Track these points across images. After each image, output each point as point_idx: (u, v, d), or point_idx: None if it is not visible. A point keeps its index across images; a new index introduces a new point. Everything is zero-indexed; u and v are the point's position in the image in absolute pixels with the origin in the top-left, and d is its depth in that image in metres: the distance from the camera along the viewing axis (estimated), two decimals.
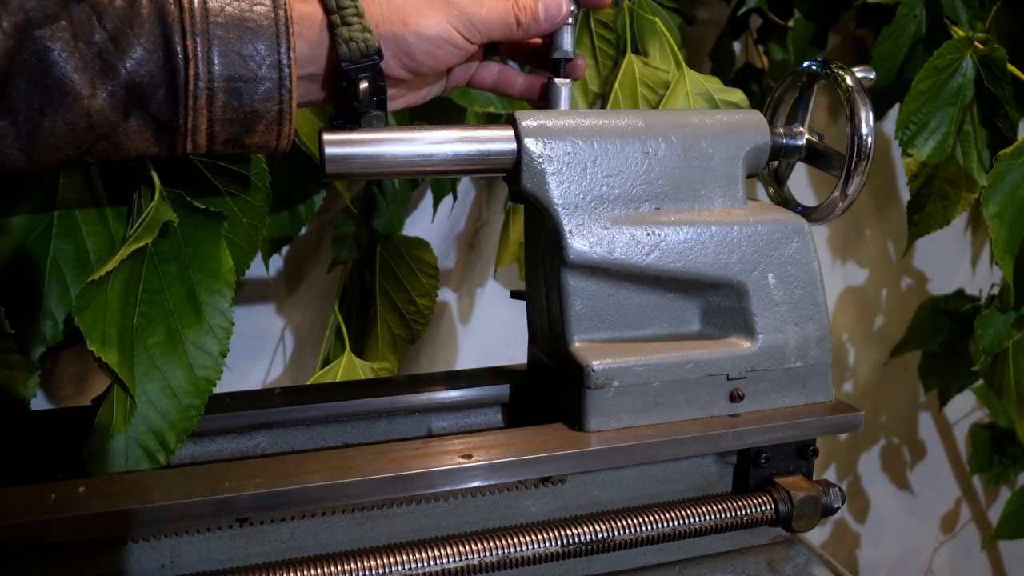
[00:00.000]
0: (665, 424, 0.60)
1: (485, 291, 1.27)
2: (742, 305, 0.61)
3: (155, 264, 0.58)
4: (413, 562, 0.52)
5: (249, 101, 0.52)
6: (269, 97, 0.52)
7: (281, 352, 1.15)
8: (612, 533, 0.56)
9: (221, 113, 0.51)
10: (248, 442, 0.65)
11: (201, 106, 0.51)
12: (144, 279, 0.57)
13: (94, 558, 0.51)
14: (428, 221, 1.12)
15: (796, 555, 0.64)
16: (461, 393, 0.70)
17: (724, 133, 0.62)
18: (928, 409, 1.71)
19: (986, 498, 1.80)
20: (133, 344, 0.56)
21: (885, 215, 1.54)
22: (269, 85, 0.52)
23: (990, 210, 0.91)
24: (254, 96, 0.52)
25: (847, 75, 0.64)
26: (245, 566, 0.52)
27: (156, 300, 0.57)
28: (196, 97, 0.50)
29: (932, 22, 1.10)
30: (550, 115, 0.59)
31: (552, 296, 0.62)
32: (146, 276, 0.57)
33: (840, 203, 0.65)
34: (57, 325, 0.64)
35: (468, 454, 0.55)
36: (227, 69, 0.50)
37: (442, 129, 0.57)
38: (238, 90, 0.51)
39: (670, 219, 0.60)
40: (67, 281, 0.63)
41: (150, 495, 0.49)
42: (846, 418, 0.63)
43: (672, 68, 0.99)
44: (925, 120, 0.99)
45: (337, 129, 0.56)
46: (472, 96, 0.93)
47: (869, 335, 1.61)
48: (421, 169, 0.57)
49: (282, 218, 0.93)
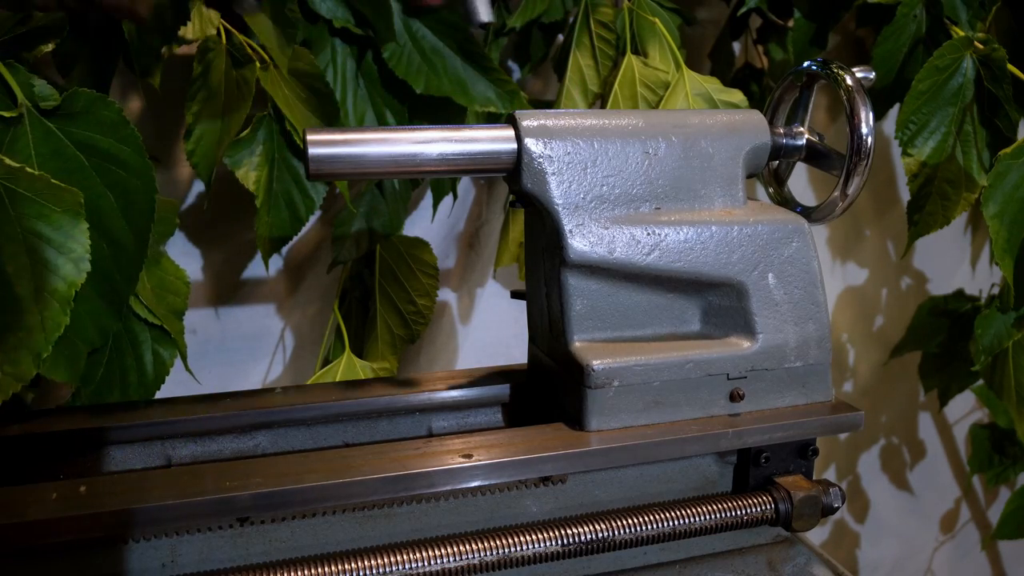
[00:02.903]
0: (665, 424, 0.60)
1: (485, 291, 1.27)
2: (742, 305, 0.61)
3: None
4: (413, 562, 0.52)
5: None
6: None
7: (281, 352, 1.15)
8: (612, 533, 0.56)
9: None
10: (248, 442, 0.65)
11: None
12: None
13: (94, 558, 0.51)
14: (428, 221, 1.12)
15: (796, 555, 0.64)
16: (461, 393, 0.70)
17: (724, 133, 0.62)
18: (928, 409, 1.71)
19: (986, 498, 1.80)
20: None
21: (885, 215, 1.54)
22: None
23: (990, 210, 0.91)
24: None
25: (847, 75, 0.64)
26: (245, 565, 0.52)
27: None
28: None
29: (932, 22, 1.10)
30: (550, 115, 0.59)
31: (552, 296, 0.62)
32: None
33: (840, 203, 0.65)
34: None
35: (468, 454, 0.55)
36: None
37: (429, 129, 0.57)
38: None
39: (670, 219, 0.60)
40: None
41: (150, 494, 0.49)
42: (846, 418, 0.63)
43: (672, 68, 0.99)
44: (925, 120, 0.99)
45: (322, 130, 0.56)
46: (472, 96, 0.93)
47: (869, 335, 1.61)
48: (411, 169, 0.57)
49: (282, 218, 0.93)
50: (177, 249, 1.03)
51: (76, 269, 0.55)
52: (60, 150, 0.60)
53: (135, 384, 0.76)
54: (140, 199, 0.62)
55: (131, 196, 0.62)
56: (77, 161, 0.60)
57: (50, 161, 0.59)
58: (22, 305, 0.54)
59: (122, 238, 0.62)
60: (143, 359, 0.76)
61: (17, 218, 0.54)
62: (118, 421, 0.62)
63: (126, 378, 0.75)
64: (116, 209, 0.62)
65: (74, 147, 0.60)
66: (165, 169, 1.00)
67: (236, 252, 1.08)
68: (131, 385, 0.76)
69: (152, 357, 0.76)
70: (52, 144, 0.59)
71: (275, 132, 0.90)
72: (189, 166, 0.90)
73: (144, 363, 0.76)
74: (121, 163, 0.61)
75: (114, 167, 0.61)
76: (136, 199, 0.62)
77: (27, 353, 0.54)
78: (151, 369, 0.76)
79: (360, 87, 0.95)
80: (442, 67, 0.93)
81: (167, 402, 0.67)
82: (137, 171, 0.62)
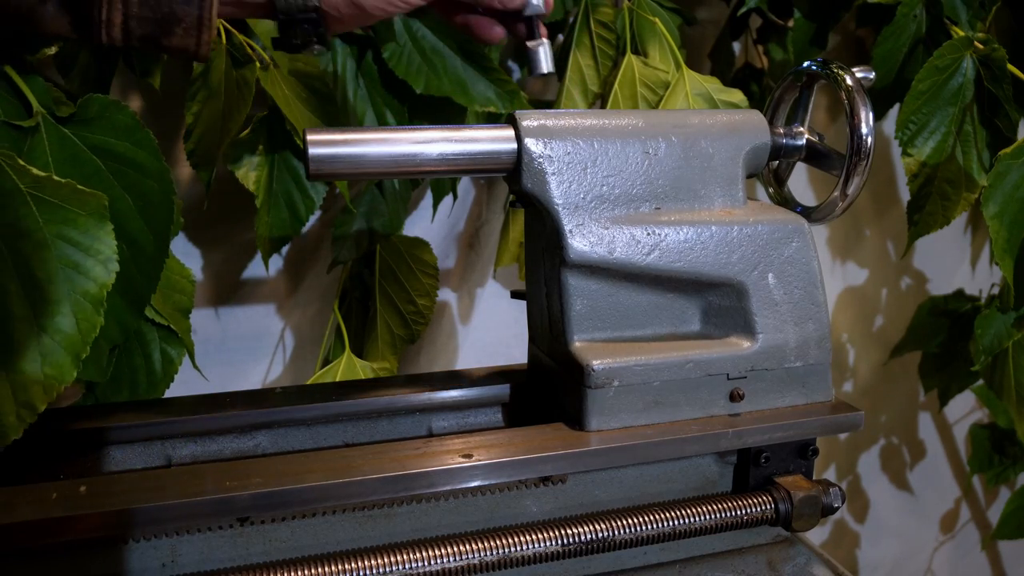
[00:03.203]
0: (665, 424, 0.60)
1: (485, 291, 1.27)
2: (742, 305, 0.61)
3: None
4: (413, 562, 0.52)
5: (167, 2, 0.52)
6: (188, 0, 0.52)
7: (281, 352, 1.15)
8: (612, 532, 0.56)
9: (137, 10, 0.51)
10: (249, 442, 0.65)
11: (116, 0, 0.51)
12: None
13: (94, 558, 0.51)
14: (428, 221, 1.12)
15: (796, 554, 0.64)
16: (461, 393, 0.70)
17: (724, 133, 0.62)
18: (928, 409, 1.71)
19: (986, 498, 1.80)
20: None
21: (885, 215, 1.54)
22: None
23: (990, 210, 0.91)
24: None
25: (847, 75, 0.64)
26: (246, 565, 0.52)
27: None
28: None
29: (932, 22, 1.10)
30: (550, 115, 0.59)
31: (552, 296, 0.62)
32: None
33: (840, 203, 0.65)
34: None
35: (468, 454, 0.55)
36: None
37: (429, 129, 0.57)
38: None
39: (670, 219, 0.60)
40: None
41: (151, 495, 0.49)
42: (846, 418, 0.63)
43: (672, 68, 0.99)
44: (925, 120, 0.99)
45: (322, 130, 0.56)
46: (472, 96, 0.93)
47: (869, 335, 1.61)
48: (410, 169, 0.57)
49: (282, 218, 0.93)
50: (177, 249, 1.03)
51: (105, 270, 0.57)
52: (77, 155, 0.61)
53: (144, 383, 0.76)
54: (158, 200, 0.63)
55: (148, 197, 0.63)
56: (94, 165, 0.61)
57: (67, 166, 0.61)
58: (56, 308, 0.55)
59: (141, 238, 0.63)
60: (151, 358, 0.76)
61: (45, 224, 0.55)
62: (118, 421, 0.62)
63: (135, 377, 0.76)
64: (134, 210, 0.63)
65: (90, 151, 0.61)
66: None
67: (236, 252, 1.08)
68: (140, 384, 0.76)
69: (160, 356, 0.77)
70: (69, 149, 0.61)
71: (275, 132, 0.90)
72: (189, 166, 0.90)
73: (153, 362, 0.76)
74: (137, 166, 0.62)
75: (131, 170, 0.62)
76: (154, 200, 0.63)
77: (66, 355, 0.55)
78: (160, 368, 0.77)
79: (360, 87, 0.95)
80: (442, 67, 0.93)
81: (167, 402, 0.68)
82: (154, 173, 0.63)
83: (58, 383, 0.55)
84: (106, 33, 0.52)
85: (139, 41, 0.53)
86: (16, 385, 0.54)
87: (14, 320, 0.54)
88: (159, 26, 0.53)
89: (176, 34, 0.53)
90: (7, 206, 0.54)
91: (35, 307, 0.55)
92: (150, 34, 0.53)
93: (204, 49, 0.55)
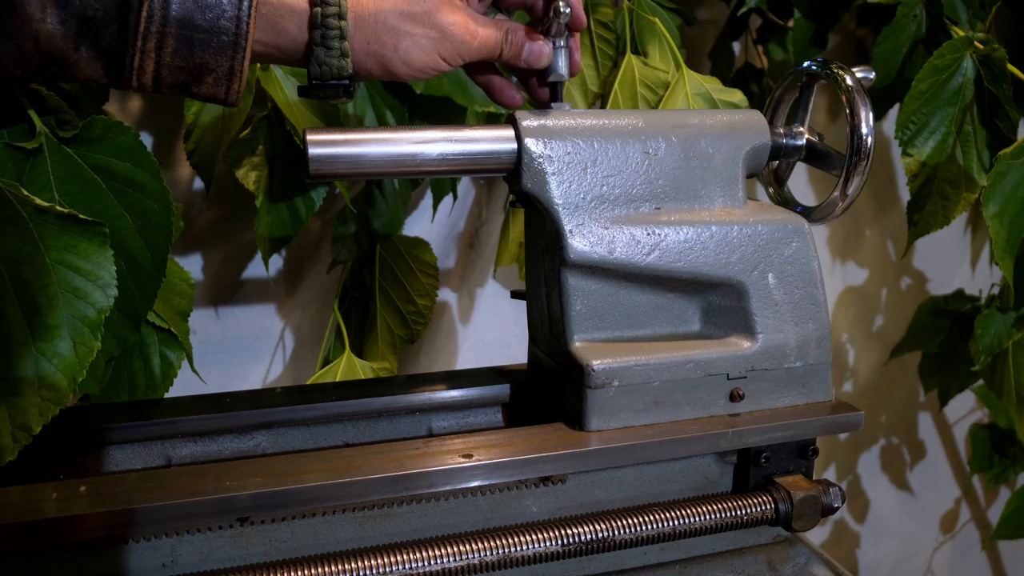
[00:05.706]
0: (665, 424, 0.60)
1: (485, 291, 1.27)
2: (742, 305, 0.61)
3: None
4: (413, 562, 0.52)
5: (200, 52, 0.51)
6: (221, 52, 0.52)
7: (281, 352, 1.15)
8: (612, 533, 0.56)
9: (170, 60, 0.51)
10: (249, 442, 0.65)
11: (150, 49, 0.50)
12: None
13: (94, 558, 0.51)
14: (428, 221, 1.12)
15: (796, 554, 0.64)
16: (461, 393, 0.70)
17: (724, 133, 0.62)
18: (928, 409, 1.71)
19: (986, 498, 1.80)
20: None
21: (885, 215, 1.54)
22: (224, 39, 0.51)
23: (990, 210, 0.91)
24: (206, 48, 0.51)
25: (847, 75, 0.64)
26: (245, 565, 0.52)
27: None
28: (146, 39, 0.50)
29: (932, 22, 1.10)
30: (550, 115, 0.59)
31: (552, 296, 0.62)
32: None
33: (840, 203, 0.65)
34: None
35: (468, 454, 0.55)
36: (183, 10, 0.50)
37: (429, 129, 0.57)
38: (190, 39, 0.51)
39: (670, 219, 0.60)
40: None
41: (151, 494, 0.49)
42: (846, 418, 0.63)
43: (672, 68, 0.99)
44: (925, 120, 0.99)
45: (322, 130, 0.56)
46: (472, 96, 0.93)
47: (869, 335, 1.61)
48: (410, 169, 0.57)
49: (282, 218, 0.93)
50: (177, 249, 1.03)
51: (104, 296, 0.57)
52: (78, 173, 0.62)
53: (143, 387, 0.77)
54: (157, 220, 0.64)
55: (148, 217, 0.63)
56: (94, 184, 0.62)
57: (68, 184, 0.61)
58: (55, 332, 0.56)
59: (140, 256, 0.64)
60: (151, 362, 0.77)
61: (46, 250, 0.56)
62: (118, 421, 0.62)
63: (134, 381, 0.76)
64: (134, 230, 0.63)
65: (91, 171, 0.62)
66: (165, 169, 1.00)
67: (236, 252, 1.08)
68: (139, 388, 0.76)
69: (159, 360, 0.77)
70: (70, 168, 0.61)
71: (275, 132, 0.90)
72: (189, 166, 0.90)
73: (152, 366, 0.77)
74: (138, 186, 0.63)
75: (131, 190, 0.63)
76: (153, 220, 0.64)
77: (62, 378, 0.56)
78: (159, 372, 0.77)
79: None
80: None
81: (167, 402, 0.68)
82: (154, 194, 0.63)
83: (54, 406, 0.55)
84: (136, 80, 0.52)
85: (168, 88, 0.53)
86: (13, 407, 0.55)
87: (12, 343, 0.55)
88: (190, 75, 0.52)
89: (206, 83, 0.53)
90: (9, 232, 0.55)
91: (34, 331, 0.55)
92: (181, 82, 0.53)
93: (233, 97, 0.54)
